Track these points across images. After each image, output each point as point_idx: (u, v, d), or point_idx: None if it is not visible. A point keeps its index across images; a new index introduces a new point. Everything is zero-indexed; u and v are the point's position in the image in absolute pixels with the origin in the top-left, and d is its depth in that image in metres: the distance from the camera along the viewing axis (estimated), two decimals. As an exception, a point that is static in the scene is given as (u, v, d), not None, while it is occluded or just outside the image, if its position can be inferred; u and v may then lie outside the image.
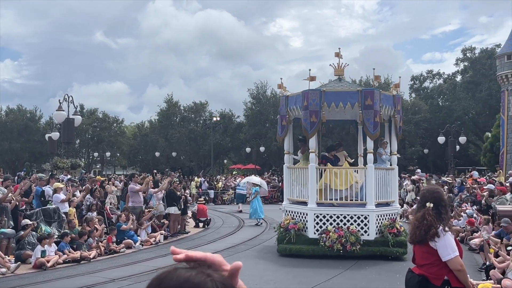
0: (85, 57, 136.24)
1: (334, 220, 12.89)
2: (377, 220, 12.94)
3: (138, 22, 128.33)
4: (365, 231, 12.79)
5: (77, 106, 25.21)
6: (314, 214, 13.04)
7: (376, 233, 12.88)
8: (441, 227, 4.48)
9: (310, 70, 13.77)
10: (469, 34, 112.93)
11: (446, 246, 4.43)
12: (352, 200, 13.37)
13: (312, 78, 13.63)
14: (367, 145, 13.21)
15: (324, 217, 12.99)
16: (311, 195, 13.21)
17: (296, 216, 13.68)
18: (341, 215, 12.91)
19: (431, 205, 4.57)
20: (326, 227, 12.75)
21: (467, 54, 56.87)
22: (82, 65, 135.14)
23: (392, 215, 13.42)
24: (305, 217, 13.31)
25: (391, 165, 14.17)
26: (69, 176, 20.93)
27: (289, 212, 14.03)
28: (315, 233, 12.88)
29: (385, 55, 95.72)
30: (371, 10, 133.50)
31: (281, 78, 14.44)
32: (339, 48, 14.16)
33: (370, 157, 13.13)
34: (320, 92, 12.88)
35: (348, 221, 12.82)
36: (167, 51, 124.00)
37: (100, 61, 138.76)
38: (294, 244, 12.91)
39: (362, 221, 12.83)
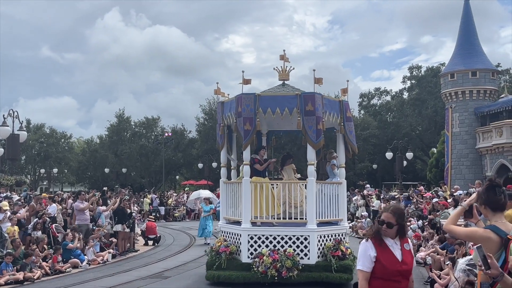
0: (31, 71, 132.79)
1: (271, 242, 11.35)
2: (319, 241, 11.44)
3: (87, 37, 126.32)
4: (305, 254, 11.25)
5: (22, 121, 24.42)
6: (248, 235, 11.47)
7: (318, 257, 11.36)
8: (366, 238, 4.41)
9: (243, 72, 12.27)
10: (416, 53, 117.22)
11: (359, 254, 4.40)
12: (291, 218, 11.98)
13: (247, 81, 12.32)
14: (307, 156, 11.80)
15: (259, 238, 11.42)
16: (245, 213, 11.65)
17: (230, 237, 12.13)
18: (278, 235, 11.38)
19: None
20: (262, 249, 11.24)
21: (414, 72, 58.79)
22: (28, 79, 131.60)
23: (338, 235, 11.92)
24: (238, 239, 11.75)
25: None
26: (5, 194, 20.25)
27: (224, 232, 12.53)
28: (249, 257, 11.31)
29: (333, 72, 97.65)
30: (322, 28, 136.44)
31: (217, 83, 13.09)
32: (284, 50, 12.80)
33: (310, 169, 11.70)
34: (254, 96, 11.64)
35: (286, 242, 11.32)
36: (116, 66, 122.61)
37: (47, 75, 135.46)
38: (224, 270, 11.28)
39: (302, 242, 11.30)
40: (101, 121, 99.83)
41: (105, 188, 27.10)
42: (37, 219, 15.73)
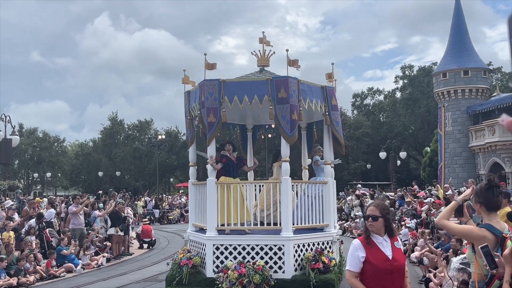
0: (22, 76, 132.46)
1: (239, 253, 9.79)
2: (296, 251, 9.83)
3: (77, 42, 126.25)
4: (280, 267, 9.62)
5: (15, 125, 24.33)
6: (214, 245, 9.91)
7: (296, 270, 9.69)
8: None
9: (205, 54, 10.62)
10: (408, 53, 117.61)
11: (348, 255, 4.42)
12: (264, 225, 10.50)
13: (211, 66, 10.67)
14: (281, 152, 10.19)
15: (226, 248, 9.86)
16: (210, 218, 10.07)
17: (195, 247, 10.66)
18: (248, 245, 9.78)
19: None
20: (228, 262, 9.69)
21: (406, 72, 58.96)
22: (19, 84, 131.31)
23: (320, 244, 10.32)
24: (203, 249, 10.22)
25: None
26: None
27: (191, 241, 11.01)
28: (214, 271, 9.75)
29: (324, 73, 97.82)
30: (314, 29, 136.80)
31: (184, 70, 11.19)
32: (263, 32, 11.29)
33: (285, 166, 10.03)
34: (218, 83, 9.98)
35: (257, 253, 9.74)
36: (107, 70, 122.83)
37: (38, 80, 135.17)
38: (185, 287, 9.79)
39: (275, 253, 9.68)
40: (93, 124, 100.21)
41: (100, 192, 27.05)
42: (30, 222, 15.65)
